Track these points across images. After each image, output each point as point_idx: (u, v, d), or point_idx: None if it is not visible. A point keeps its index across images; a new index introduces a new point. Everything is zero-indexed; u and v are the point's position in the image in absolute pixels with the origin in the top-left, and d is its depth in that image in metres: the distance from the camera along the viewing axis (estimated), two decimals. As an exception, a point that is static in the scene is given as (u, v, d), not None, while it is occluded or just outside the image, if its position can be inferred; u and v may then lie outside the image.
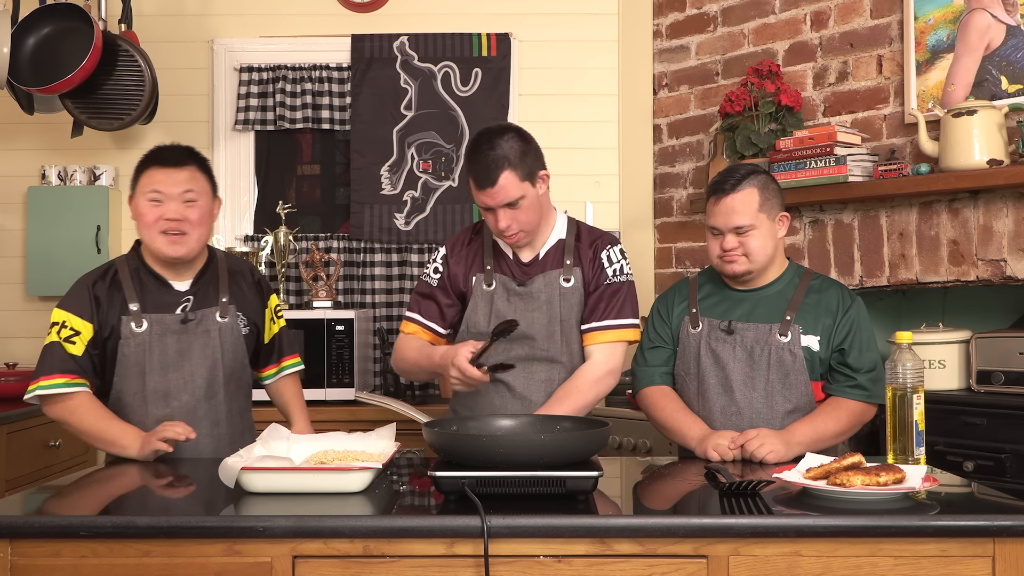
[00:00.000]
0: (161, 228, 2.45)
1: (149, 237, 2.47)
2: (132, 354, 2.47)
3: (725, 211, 2.43)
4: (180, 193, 2.46)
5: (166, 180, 2.46)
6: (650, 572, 1.76)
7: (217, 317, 2.55)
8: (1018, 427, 2.89)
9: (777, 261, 2.49)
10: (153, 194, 2.44)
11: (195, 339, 2.52)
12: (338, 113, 4.22)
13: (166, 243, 2.46)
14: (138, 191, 2.49)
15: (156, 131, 4.19)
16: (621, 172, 4.23)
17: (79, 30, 3.71)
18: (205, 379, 2.52)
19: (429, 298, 2.63)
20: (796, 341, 2.40)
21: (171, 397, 2.49)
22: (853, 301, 2.46)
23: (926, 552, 1.76)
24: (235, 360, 2.59)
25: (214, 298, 2.57)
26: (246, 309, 2.63)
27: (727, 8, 3.90)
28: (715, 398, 2.45)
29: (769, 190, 2.45)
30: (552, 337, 2.55)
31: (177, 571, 1.78)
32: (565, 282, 2.56)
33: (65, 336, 2.44)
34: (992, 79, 3.12)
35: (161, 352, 2.48)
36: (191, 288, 2.56)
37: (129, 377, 2.48)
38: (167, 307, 2.51)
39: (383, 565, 1.77)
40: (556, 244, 2.60)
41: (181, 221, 2.45)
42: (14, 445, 3.49)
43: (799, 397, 2.41)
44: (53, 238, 4.05)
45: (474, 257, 2.62)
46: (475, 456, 1.90)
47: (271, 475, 1.93)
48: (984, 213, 3.09)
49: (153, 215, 2.44)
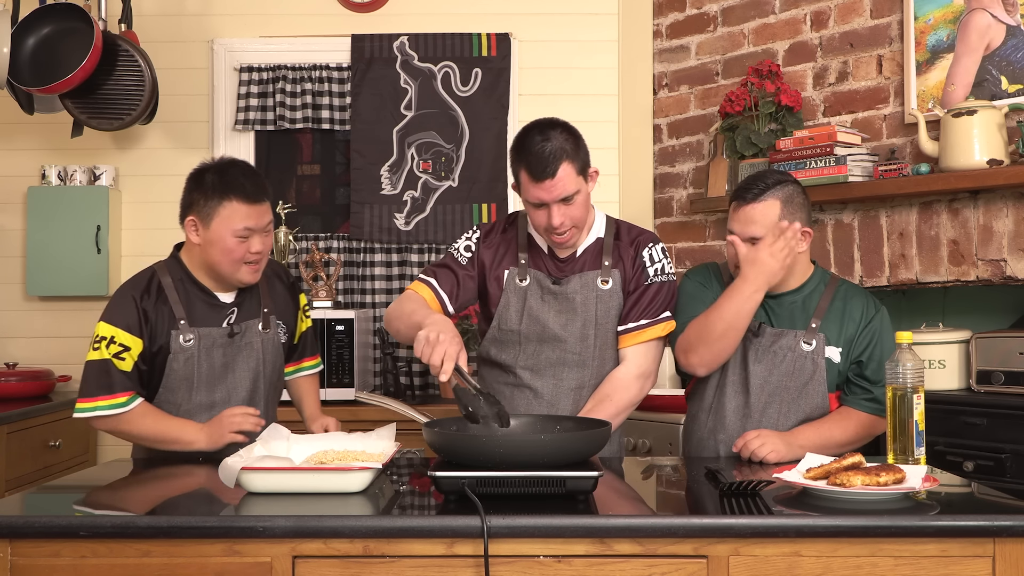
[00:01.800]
0: (247, 260, 2.46)
1: (231, 268, 2.46)
2: (181, 368, 2.47)
3: (744, 219, 2.37)
4: (263, 227, 2.47)
5: (252, 216, 2.44)
6: (650, 572, 1.76)
7: (260, 328, 2.57)
8: (1018, 427, 2.89)
9: (799, 270, 2.43)
10: (244, 231, 2.42)
11: (239, 351, 2.54)
12: (338, 113, 4.22)
13: (248, 272, 2.48)
14: (219, 221, 2.43)
15: (156, 131, 4.20)
16: (621, 172, 4.23)
17: (79, 30, 3.71)
18: (248, 390, 2.55)
19: (449, 269, 2.50)
20: (820, 351, 2.38)
21: (215, 408, 2.51)
22: (877, 311, 2.43)
23: (926, 552, 1.76)
24: (275, 371, 2.63)
25: (256, 309, 2.58)
26: (283, 315, 2.66)
27: (727, 8, 3.90)
28: (731, 396, 2.44)
29: (793, 204, 2.37)
30: (585, 341, 2.46)
31: (177, 571, 1.78)
32: (603, 284, 2.46)
33: (114, 352, 2.41)
34: (992, 79, 3.12)
35: (208, 366, 2.50)
36: (235, 300, 2.56)
37: (176, 390, 2.48)
38: (213, 320, 2.51)
39: (383, 565, 1.77)
40: (595, 243, 2.50)
41: (261, 252, 2.47)
42: (14, 445, 3.49)
43: (813, 408, 2.40)
44: (53, 238, 4.05)
45: (507, 248, 2.52)
46: (475, 456, 1.90)
47: (271, 475, 1.93)
48: (984, 213, 3.09)
49: (241, 250, 2.44)
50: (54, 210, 4.05)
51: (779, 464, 2.18)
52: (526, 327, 2.46)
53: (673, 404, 3.45)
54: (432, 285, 2.48)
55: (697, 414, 2.53)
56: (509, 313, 2.48)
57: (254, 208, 2.44)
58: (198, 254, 2.50)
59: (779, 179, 2.40)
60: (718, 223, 3.90)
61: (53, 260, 4.05)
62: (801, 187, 2.43)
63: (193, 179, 2.51)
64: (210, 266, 2.48)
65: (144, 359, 2.44)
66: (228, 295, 2.55)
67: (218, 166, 2.50)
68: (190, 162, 4.17)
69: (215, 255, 2.44)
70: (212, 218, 2.43)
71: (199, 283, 2.52)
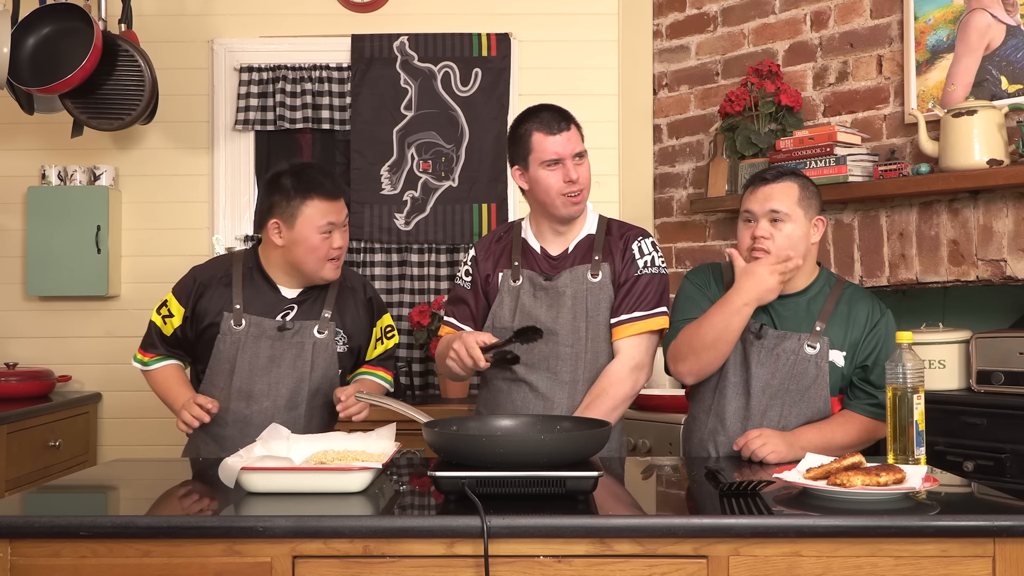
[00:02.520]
0: (331, 256, 2.56)
1: (317, 266, 2.55)
2: (226, 350, 2.56)
3: (763, 196, 2.39)
4: (343, 222, 2.58)
5: (333, 211, 2.55)
6: (650, 572, 1.76)
7: (315, 331, 2.59)
8: (1018, 427, 2.89)
9: (807, 268, 2.43)
10: (328, 227, 2.53)
11: (288, 348, 2.57)
12: (338, 113, 4.22)
13: (332, 268, 2.58)
14: (303, 220, 2.52)
15: (156, 131, 4.20)
16: (621, 172, 4.23)
17: (79, 30, 3.71)
18: (290, 389, 2.57)
19: (462, 302, 2.62)
20: (824, 354, 2.38)
21: (253, 400, 2.55)
22: (883, 315, 2.43)
23: (926, 552, 1.76)
24: (324, 377, 2.62)
25: (317, 312, 2.62)
26: (350, 327, 2.66)
27: (727, 8, 3.90)
28: (732, 398, 2.43)
29: (810, 191, 2.42)
30: (577, 334, 2.50)
31: (177, 571, 1.78)
32: (592, 277, 2.52)
33: (163, 315, 2.65)
34: (992, 79, 3.12)
35: (253, 354, 2.55)
36: (298, 296, 2.61)
37: (220, 372, 2.56)
38: (269, 311, 2.58)
39: (383, 565, 1.77)
40: (585, 238, 2.57)
41: (342, 248, 2.58)
42: (14, 445, 3.49)
43: (815, 412, 2.39)
44: (53, 238, 4.05)
45: (502, 253, 2.60)
46: (475, 456, 1.90)
47: (271, 475, 1.93)
48: (984, 213, 3.09)
49: (325, 247, 2.54)
50: (54, 210, 4.05)
51: (779, 464, 2.18)
52: (519, 323, 2.51)
53: (673, 404, 3.45)
54: (453, 324, 2.61)
55: (697, 415, 2.53)
56: (503, 311, 2.55)
57: (334, 204, 2.56)
58: (279, 255, 2.58)
59: (794, 170, 2.47)
60: (718, 223, 3.90)
61: (53, 260, 4.05)
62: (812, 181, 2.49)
63: (270, 184, 2.59)
64: (294, 265, 2.56)
65: (186, 329, 2.61)
66: (292, 291, 2.61)
67: (294, 169, 2.58)
68: (190, 162, 4.23)
69: (300, 254, 2.54)
70: (296, 217, 2.53)
71: (267, 275, 2.61)
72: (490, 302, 2.58)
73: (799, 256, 2.36)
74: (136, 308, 4.16)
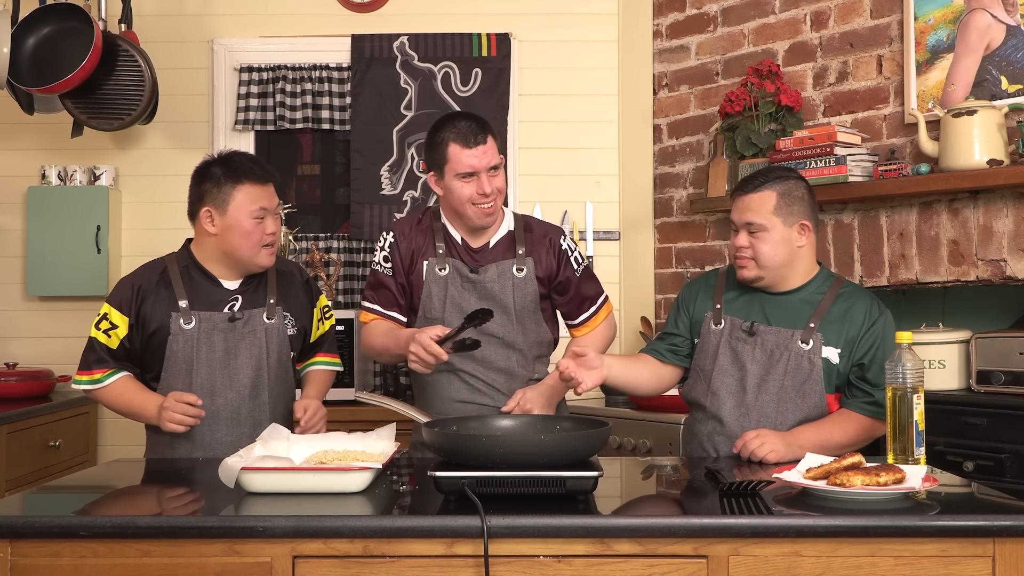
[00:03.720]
0: (265, 242, 2.55)
1: (251, 252, 2.54)
2: (180, 350, 2.53)
3: (741, 207, 2.43)
4: (275, 207, 2.58)
5: (265, 196, 2.55)
6: (650, 572, 1.76)
7: (264, 318, 2.60)
8: (1018, 427, 2.89)
9: (800, 268, 2.44)
10: (260, 211, 2.53)
11: (242, 338, 2.57)
12: (338, 113, 4.22)
13: (266, 255, 2.57)
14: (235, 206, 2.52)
15: (156, 131, 4.20)
16: (621, 172, 4.23)
17: (79, 30, 3.71)
18: (251, 378, 2.57)
19: (383, 287, 2.63)
20: (817, 350, 2.38)
21: (216, 395, 2.54)
22: (881, 314, 2.42)
23: (926, 552, 1.76)
24: (280, 362, 2.63)
25: (262, 299, 2.63)
26: (294, 310, 2.68)
27: (727, 8, 3.90)
28: (727, 397, 2.43)
29: (792, 196, 2.41)
30: (507, 326, 2.59)
31: (177, 571, 1.78)
32: (518, 272, 2.60)
33: (104, 329, 2.56)
34: (992, 79, 3.12)
35: (209, 349, 2.54)
36: (240, 287, 2.61)
37: (177, 373, 2.53)
38: (215, 305, 2.57)
39: (383, 565, 1.77)
40: (506, 235, 2.64)
41: (276, 234, 2.57)
42: (14, 445, 3.49)
43: (811, 407, 2.39)
44: (53, 238, 4.05)
45: (424, 239, 2.62)
46: (475, 456, 1.90)
47: (271, 475, 1.93)
48: (984, 213, 3.09)
49: (258, 232, 2.53)
50: (54, 210, 4.05)
51: (779, 464, 2.18)
52: (449, 314, 2.57)
53: (673, 404, 3.45)
54: (378, 311, 2.64)
55: (696, 416, 2.53)
56: (432, 302, 2.59)
57: (265, 189, 2.55)
58: (213, 245, 2.56)
59: (781, 174, 2.45)
60: (718, 223, 3.90)
61: (53, 260, 4.05)
62: (805, 183, 2.47)
63: (200, 173, 2.59)
64: (227, 253, 2.55)
65: (132, 338, 2.55)
66: (232, 282, 2.61)
67: (222, 158, 2.59)
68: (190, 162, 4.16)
69: (235, 240, 2.53)
70: (228, 203, 2.52)
71: (205, 270, 2.59)
72: (412, 288, 2.61)
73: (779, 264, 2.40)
74: (136, 308, 4.16)
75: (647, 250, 4.18)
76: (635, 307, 4.15)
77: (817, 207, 2.49)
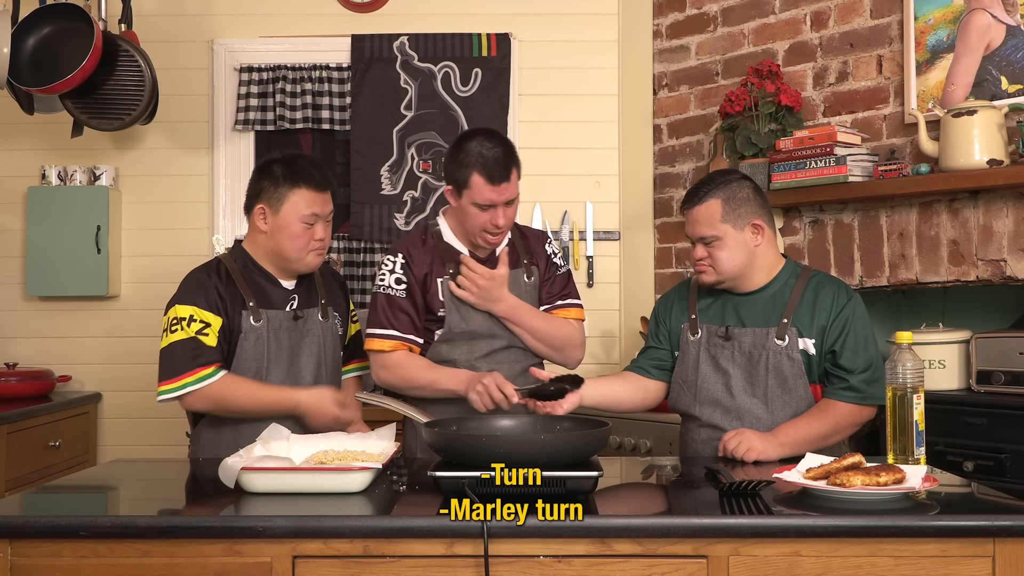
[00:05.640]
0: (312, 248, 2.56)
1: (297, 254, 2.55)
2: (251, 348, 2.53)
3: (691, 222, 2.45)
4: (327, 214, 2.59)
5: (318, 203, 2.56)
6: (650, 572, 1.76)
7: (319, 317, 2.64)
8: (1018, 427, 2.89)
9: (762, 266, 2.45)
10: (311, 217, 2.54)
11: (303, 336, 2.60)
12: (338, 113, 4.22)
13: (314, 257, 2.59)
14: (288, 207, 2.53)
15: (156, 131, 4.20)
16: (621, 172, 4.23)
17: (79, 30, 3.71)
18: (312, 375, 2.60)
19: (402, 312, 2.59)
20: (794, 345, 2.38)
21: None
22: (849, 299, 2.41)
23: (926, 552, 1.76)
24: (335, 360, 2.69)
25: (315, 299, 2.66)
26: (339, 310, 2.73)
27: (727, 8, 3.90)
28: (716, 404, 2.44)
29: (736, 199, 2.40)
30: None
31: (177, 571, 1.78)
32: (528, 279, 2.66)
33: (197, 329, 2.47)
34: (992, 79, 3.12)
35: (277, 347, 2.56)
36: (296, 287, 2.64)
37: (247, 372, 2.53)
38: (278, 303, 2.59)
39: (383, 565, 1.77)
40: (508, 244, 2.67)
41: (325, 239, 2.59)
42: (14, 445, 3.49)
43: (799, 402, 2.39)
44: (53, 238, 4.05)
45: (432, 259, 2.63)
46: (475, 456, 1.90)
47: (271, 475, 1.93)
48: (984, 213, 3.09)
49: (306, 237, 2.55)
50: (54, 210, 4.05)
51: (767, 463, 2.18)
52: (471, 326, 2.60)
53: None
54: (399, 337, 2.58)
55: (688, 424, 2.54)
56: (453, 318, 2.61)
57: (320, 196, 2.57)
58: (263, 242, 2.58)
59: (722, 180, 2.45)
60: (718, 223, 3.90)
61: (53, 260, 4.05)
62: (750, 182, 2.47)
63: (261, 170, 2.61)
64: (276, 252, 2.57)
65: (224, 336, 2.50)
66: (289, 282, 2.63)
67: (286, 158, 2.60)
68: (190, 162, 4.23)
69: (283, 240, 2.54)
70: (282, 204, 2.54)
71: (263, 269, 2.60)
72: (430, 308, 2.61)
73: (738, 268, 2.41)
74: (136, 308, 4.16)
75: (647, 250, 4.18)
76: (635, 307, 4.15)
77: (766, 202, 2.49)
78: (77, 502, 2.14)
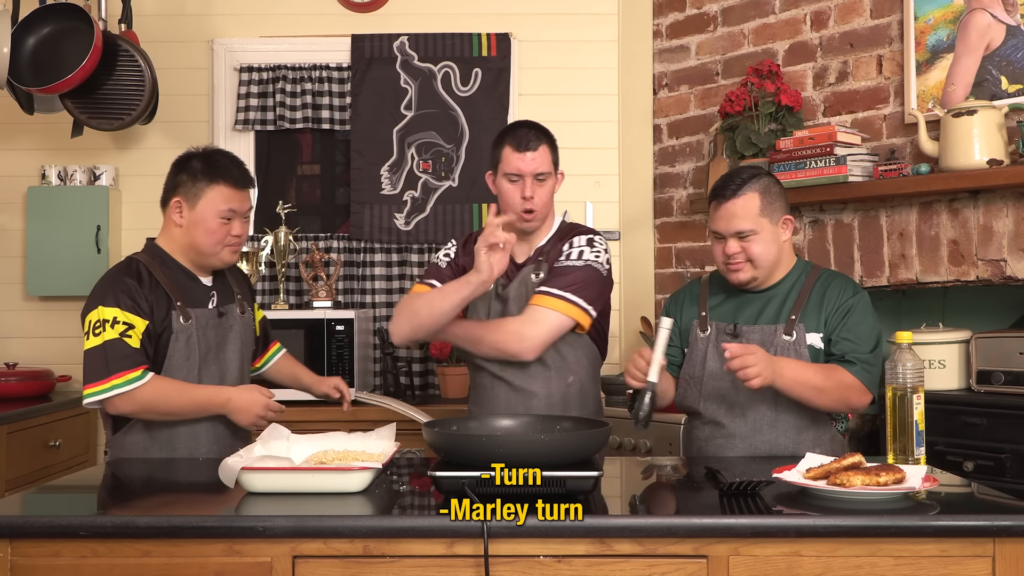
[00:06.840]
0: (228, 243, 2.56)
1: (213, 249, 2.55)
2: (183, 348, 2.52)
3: (726, 216, 2.40)
4: (245, 211, 2.59)
5: (237, 199, 2.57)
6: (650, 572, 1.76)
7: (238, 312, 2.66)
8: (1018, 427, 2.89)
9: (783, 262, 2.46)
10: (228, 213, 2.54)
11: (227, 333, 2.62)
12: (338, 113, 4.22)
13: (229, 253, 2.58)
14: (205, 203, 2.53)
15: (156, 131, 4.20)
16: (621, 172, 4.23)
17: (79, 30, 3.71)
18: (238, 370, 2.63)
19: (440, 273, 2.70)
20: (802, 340, 2.38)
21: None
22: (855, 294, 2.42)
23: (926, 552, 1.76)
24: (251, 354, 2.74)
25: (231, 294, 2.67)
26: (248, 301, 2.74)
27: (727, 8, 3.90)
28: (722, 401, 2.43)
29: (771, 194, 2.42)
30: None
31: (177, 571, 1.78)
32: (535, 277, 2.63)
33: (121, 331, 2.42)
34: (992, 79, 3.12)
35: (205, 345, 2.56)
36: (213, 283, 2.65)
37: (178, 370, 2.52)
38: (201, 302, 2.59)
39: (383, 565, 1.77)
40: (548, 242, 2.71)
41: (241, 236, 2.59)
42: (14, 445, 3.49)
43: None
44: (53, 238, 4.05)
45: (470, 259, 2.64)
46: (475, 456, 1.90)
47: (271, 475, 1.93)
48: (984, 213, 3.09)
49: (222, 232, 2.54)
50: (54, 210, 4.05)
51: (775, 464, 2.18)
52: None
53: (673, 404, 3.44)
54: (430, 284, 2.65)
55: (693, 421, 2.54)
56: (477, 316, 2.67)
57: (239, 193, 2.57)
58: (179, 236, 2.57)
59: (753, 173, 2.44)
60: (718, 223, 3.90)
61: (53, 260, 4.05)
62: (775, 178, 2.48)
63: (179, 164, 2.62)
64: (192, 246, 2.56)
65: (148, 338, 2.47)
66: (207, 278, 2.63)
67: (204, 153, 2.61)
68: (190, 162, 4.21)
69: (198, 235, 2.54)
70: (199, 199, 2.54)
71: (182, 266, 2.59)
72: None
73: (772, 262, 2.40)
74: (136, 308, 4.16)
75: (647, 250, 4.18)
76: (635, 307, 4.15)
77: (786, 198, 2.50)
78: (77, 502, 2.14)
